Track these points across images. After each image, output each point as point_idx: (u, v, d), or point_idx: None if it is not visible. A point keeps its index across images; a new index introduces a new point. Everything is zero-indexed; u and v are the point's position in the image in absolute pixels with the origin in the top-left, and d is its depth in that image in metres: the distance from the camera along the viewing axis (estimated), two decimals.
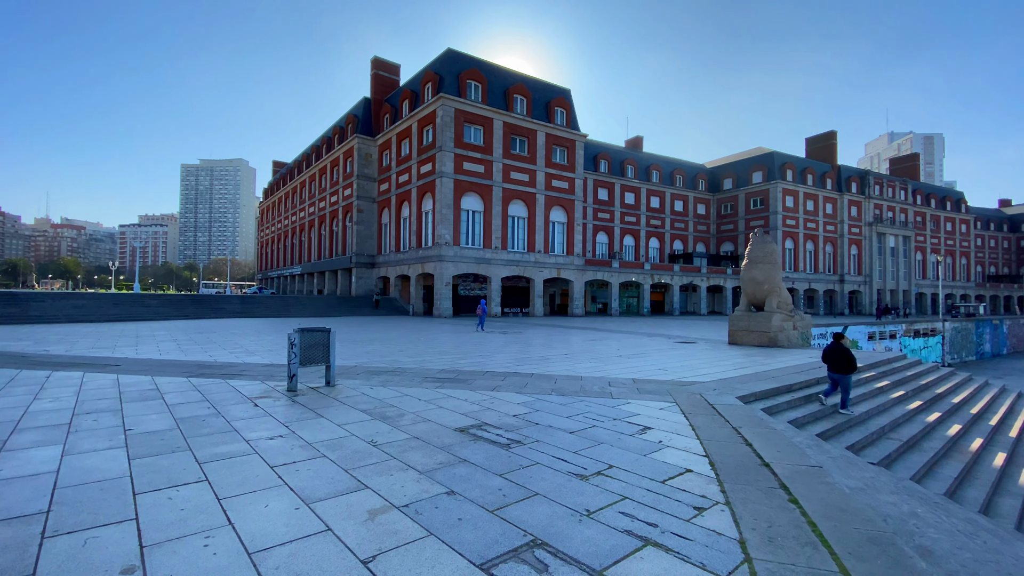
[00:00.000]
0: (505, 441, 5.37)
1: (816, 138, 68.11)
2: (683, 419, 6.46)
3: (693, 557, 2.96)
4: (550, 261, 41.02)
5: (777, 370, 10.74)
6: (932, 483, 7.44)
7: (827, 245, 63.13)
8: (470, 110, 36.92)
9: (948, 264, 75.89)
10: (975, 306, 67.87)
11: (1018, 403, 14.19)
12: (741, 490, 4.00)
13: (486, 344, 16.84)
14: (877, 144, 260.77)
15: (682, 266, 51.40)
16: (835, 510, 3.67)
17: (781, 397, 8.40)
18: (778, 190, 58.15)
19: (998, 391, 14.38)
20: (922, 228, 72.62)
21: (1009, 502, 8.03)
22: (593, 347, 16.30)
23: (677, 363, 12.21)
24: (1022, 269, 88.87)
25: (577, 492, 3.97)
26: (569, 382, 9.18)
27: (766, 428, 6.00)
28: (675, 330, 25.39)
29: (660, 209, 59.43)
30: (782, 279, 17.61)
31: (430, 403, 7.20)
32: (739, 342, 17.20)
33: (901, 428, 8.78)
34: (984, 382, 14.89)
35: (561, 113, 42.72)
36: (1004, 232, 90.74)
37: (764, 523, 3.39)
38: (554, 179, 41.64)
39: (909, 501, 5.02)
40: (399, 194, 41.91)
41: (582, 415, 6.62)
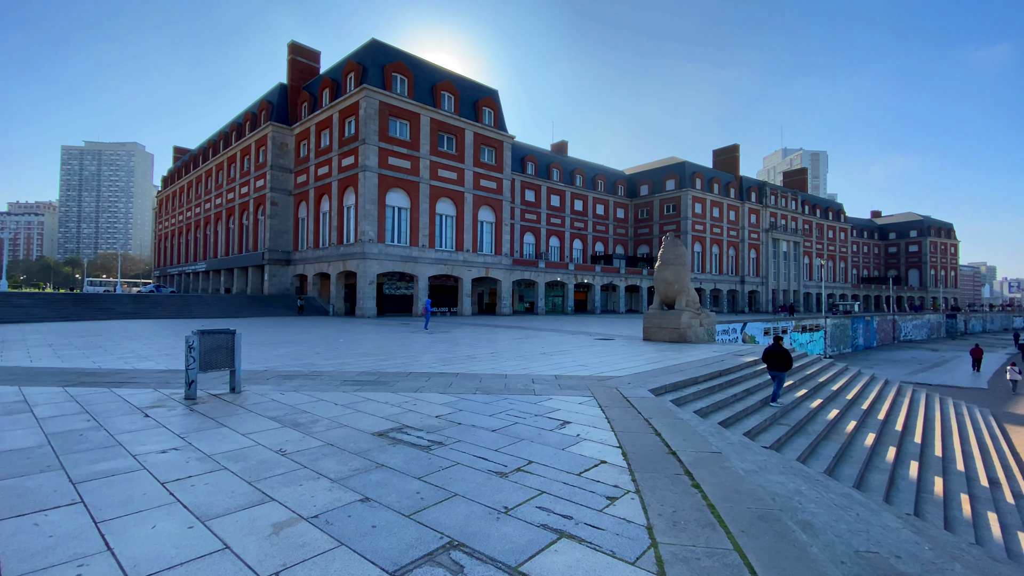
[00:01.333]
0: (426, 443, 5.27)
1: (721, 150, 74.08)
2: (600, 413, 6.71)
3: (604, 546, 3.07)
4: (479, 260, 41.03)
5: (685, 364, 11.51)
6: (815, 462, 8.34)
7: (730, 249, 68.90)
8: (396, 104, 35.94)
9: (830, 267, 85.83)
10: (851, 305, 77.46)
11: (885, 389, 16.33)
12: (650, 478, 4.23)
13: (411, 345, 16.49)
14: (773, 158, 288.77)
15: (603, 267, 53.62)
16: (732, 492, 3.99)
17: (688, 389, 9.01)
18: (688, 197, 62.54)
19: (868, 379, 16.46)
20: (809, 235, 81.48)
21: (878, 477, 9.21)
22: (519, 345, 16.51)
23: (596, 359, 12.69)
24: (889, 272, 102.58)
25: (496, 490, 3.98)
26: (494, 380, 9.21)
27: (674, 419, 6.41)
28: (596, 328, 26.41)
29: (583, 212, 61.56)
30: (690, 280, 18.92)
31: (347, 407, 6.90)
32: (652, 338, 18.23)
33: (790, 414, 9.77)
34: (857, 371, 16.98)
35: (489, 113, 42.87)
36: (875, 240, 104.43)
37: (669, 508, 3.61)
38: (482, 178, 41.69)
39: (795, 480, 5.58)
40: (318, 187, 39.83)
41: (505, 413, 6.66)
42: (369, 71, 35.52)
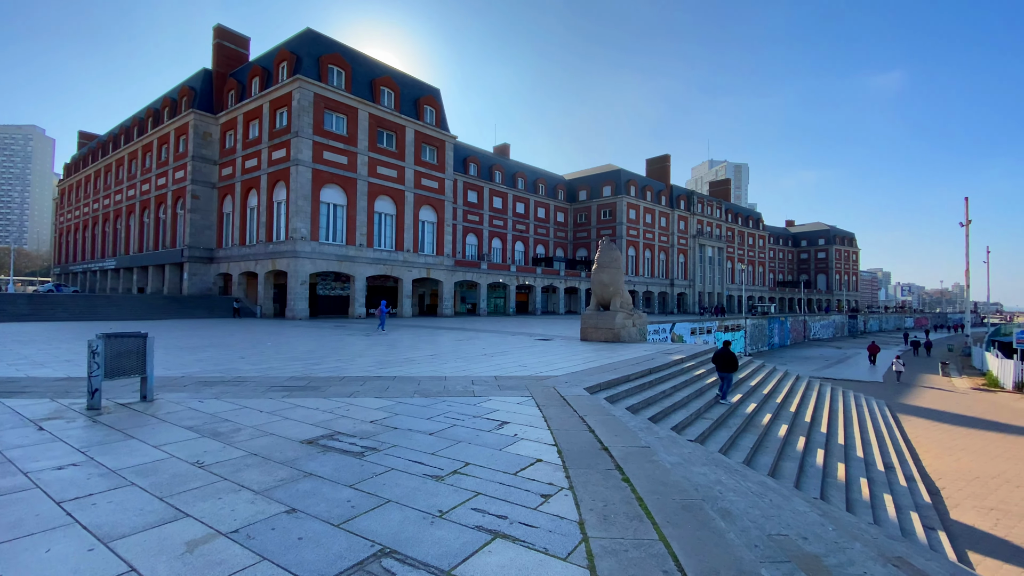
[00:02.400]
0: (359, 449, 5.10)
1: (654, 160, 77.85)
2: (538, 412, 6.81)
3: (537, 544, 3.12)
4: (419, 261, 40.35)
5: (619, 362, 11.94)
6: (735, 453, 8.93)
7: (661, 253, 72.46)
8: (332, 96, 34.60)
9: (750, 271, 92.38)
10: (768, 306, 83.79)
11: (796, 384, 17.78)
12: (583, 474, 4.35)
13: (347, 348, 15.92)
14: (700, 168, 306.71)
15: (544, 269, 54.54)
16: (659, 484, 4.19)
17: (621, 387, 9.36)
18: (623, 204, 65.11)
19: (782, 375, 17.86)
20: (732, 241, 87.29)
21: (790, 465, 9.99)
22: (460, 347, 16.41)
23: (536, 359, 12.87)
24: (801, 276, 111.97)
25: (432, 494, 3.93)
26: (433, 383, 9.10)
27: (607, 415, 6.63)
28: (536, 328, 26.80)
29: (525, 215, 62.30)
30: (624, 282, 19.69)
31: (274, 415, 6.54)
32: (589, 338, 18.76)
33: (713, 408, 10.40)
34: (773, 368, 18.37)
35: (431, 112, 42.34)
36: (789, 247, 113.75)
37: (600, 503, 3.72)
38: (424, 177, 41.08)
39: (716, 471, 5.95)
40: (246, 181, 37.51)
41: (443, 415, 6.59)
42: (303, 61, 33.96)
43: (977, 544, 10.00)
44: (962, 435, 18.74)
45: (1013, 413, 22.89)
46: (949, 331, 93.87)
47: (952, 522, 11.04)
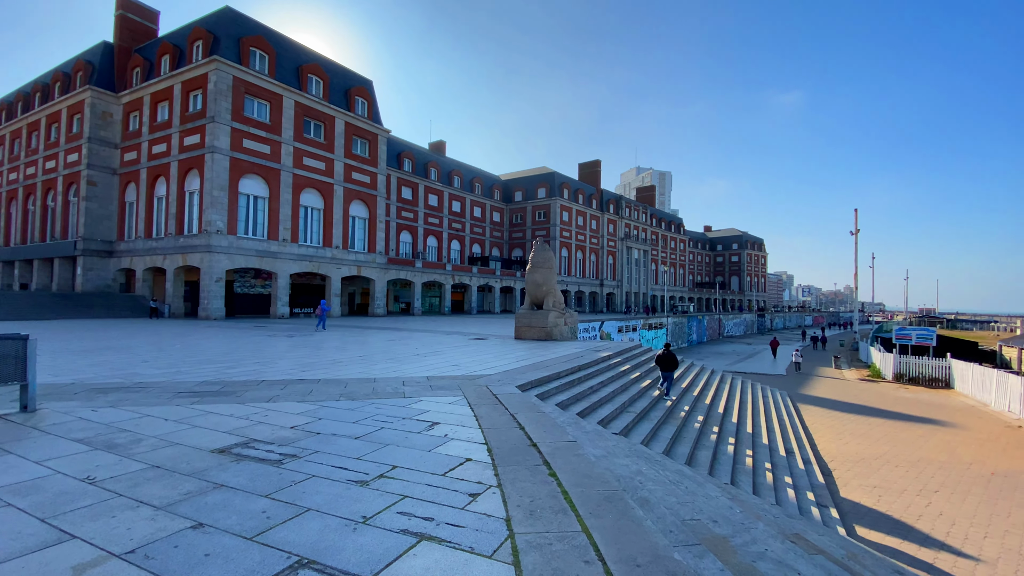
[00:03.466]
0: (277, 457, 4.83)
1: (586, 164, 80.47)
2: (469, 411, 6.80)
3: (464, 543, 3.11)
4: (349, 258, 38.86)
5: (551, 360, 12.21)
6: (656, 444, 9.43)
7: (592, 255, 75.03)
8: (254, 81, 32.43)
9: (672, 273, 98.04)
10: (688, 306, 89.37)
11: (711, 378, 19.09)
12: (512, 471, 4.40)
13: (267, 349, 15.01)
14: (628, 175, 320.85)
15: (480, 268, 54.54)
16: (583, 477, 4.33)
17: (552, 383, 9.57)
18: (557, 206, 66.71)
19: (699, 370, 19.11)
20: (656, 245, 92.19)
21: (704, 454, 10.70)
22: (392, 347, 16.01)
23: (470, 359, 12.84)
24: (717, 278, 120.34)
25: (355, 500, 3.80)
26: (361, 385, 8.80)
27: (538, 412, 6.76)
28: (472, 328, 26.74)
29: (461, 213, 61.95)
30: (557, 282, 20.15)
31: (181, 423, 6.03)
32: (523, 337, 19.02)
33: (636, 402, 10.92)
34: (691, 363, 19.61)
35: (363, 104, 40.92)
36: (706, 250, 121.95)
37: (527, 498, 3.79)
38: (355, 171, 39.61)
39: (638, 462, 6.25)
40: (153, 167, 34.24)
41: (371, 418, 6.40)
42: (222, 42, 31.55)
43: (863, 518, 11.27)
44: (850, 421, 21.03)
45: (893, 401, 26.04)
46: (841, 328, 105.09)
47: (842, 500, 12.35)
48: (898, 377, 32.99)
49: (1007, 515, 11.36)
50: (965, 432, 19.18)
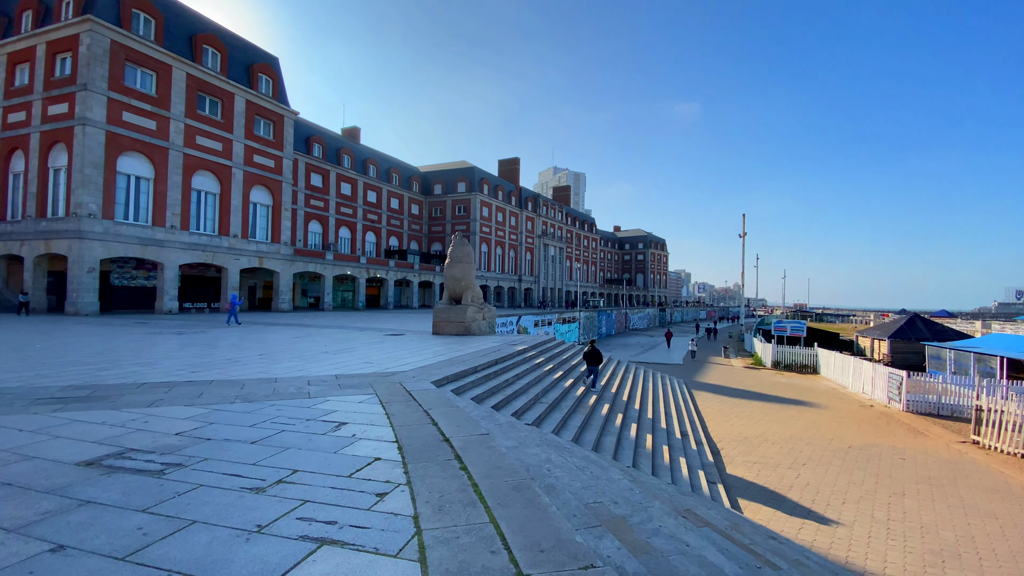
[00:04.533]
0: (158, 467, 4.36)
1: (505, 161, 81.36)
2: (381, 409, 6.61)
3: (368, 544, 3.03)
4: (250, 248, 35.89)
5: (468, 355, 12.23)
6: (566, 433, 9.83)
7: (511, 251, 76.11)
8: (137, 48, 28.71)
9: (585, 270, 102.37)
10: (599, 301, 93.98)
11: (617, 368, 20.22)
12: (422, 467, 4.36)
13: (150, 348, 13.47)
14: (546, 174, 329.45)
15: (397, 262, 53.02)
16: (494, 469, 4.40)
17: (468, 378, 9.60)
18: (477, 201, 66.72)
19: (606, 360, 20.15)
20: (571, 243, 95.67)
21: (609, 439, 11.33)
22: (297, 344, 15.08)
23: (384, 355, 12.47)
24: (624, 275, 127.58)
25: (250, 508, 3.54)
26: (260, 386, 8.20)
27: (452, 407, 6.74)
28: (387, 323, 25.97)
29: (377, 204, 59.73)
30: (476, 277, 20.21)
31: (39, 433, 5.23)
32: (441, 332, 18.85)
33: (549, 393, 11.29)
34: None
35: (267, 82, 37.89)
36: (616, 249, 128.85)
37: (437, 494, 3.77)
38: (257, 154, 36.60)
39: (547, 451, 6.46)
40: (9, 139, 29.12)
41: (271, 421, 5.99)
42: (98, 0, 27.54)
43: (744, 492, 12.58)
44: (736, 404, 23.37)
45: (771, 385, 29.32)
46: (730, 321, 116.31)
47: (728, 476, 13.70)
48: (776, 364, 37.25)
49: (861, 483, 13.28)
50: (828, 412, 22.13)
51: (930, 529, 10.48)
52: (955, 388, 21.28)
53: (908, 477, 13.66)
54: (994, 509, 11.47)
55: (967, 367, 25.95)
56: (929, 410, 21.39)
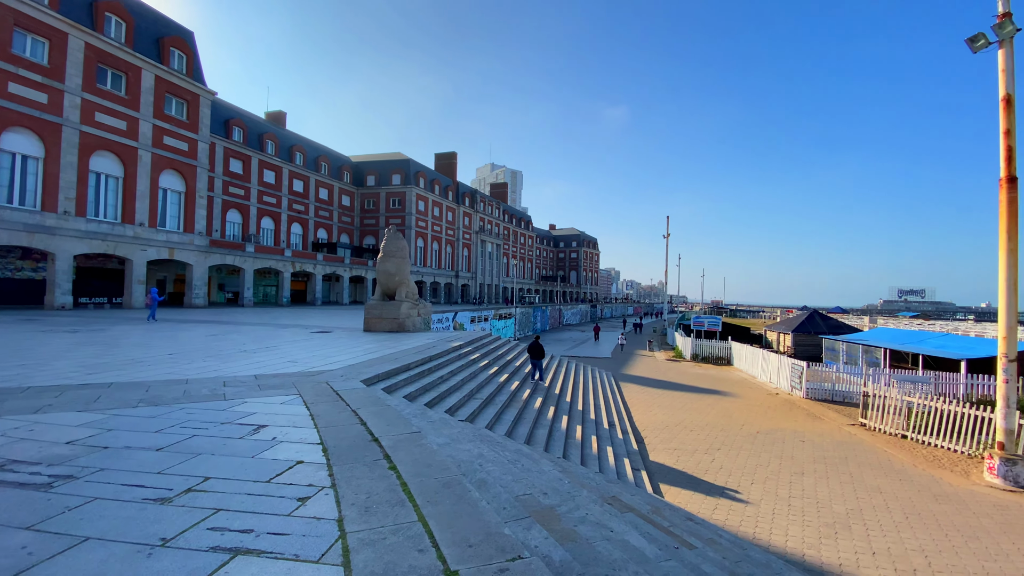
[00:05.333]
0: (45, 480, 3.90)
1: (442, 155, 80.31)
2: (304, 411, 6.33)
3: (287, 551, 2.90)
4: (159, 238, 32.84)
5: (401, 352, 11.99)
6: (499, 427, 9.91)
7: (448, 246, 75.37)
8: (25, 11, 25.24)
9: (521, 267, 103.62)
10: (534, 297, 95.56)
11: (551, 362, 20.67)
12: (348, 469, 4.23)
13: (37, 348, 11.99)
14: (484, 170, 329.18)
15: (326, 255, 50.76)
16: (424, 467, 4.36)
17: (400, 376, 9.41)
18: (413, 194, 65.34)
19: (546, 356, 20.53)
20: (508, 239, 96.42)
21: (542, 432, 11.56)
22: (213, 343, 14.05)
23: (309, 353, 11.93)
24: (559, 272, 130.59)
25: (153, 520, 3.27)
26: (168, 388, 7.56)
27: (382, 406, 6.59)
28: (314, 320, 24.83)
29: (304, 194, 56.78)
30: (411, 272, 19.83)
31: None
32: (373, 329, 18.32)
33: (484, 389, 11.34)
34: None
35: (180, 57, 34.76)
36: (551, 247, 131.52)
37: (363, 495, 3.68)
38: (168, 136, 33.51)
39: (480, 446, 6.50)
40: None
41: (180, 426, 5.54)
42: None
43: (665, 477, 13.37)
44: (659, 395, 24.72)
45: (690, 376, 31.27)
46: (655, 317, 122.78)
47: (651, 463, 14.48)
48: (695, 357, 39.78)
49: (767, 465, 14.54)
50: (740, 400, 23.98)
51: (825, 504, 11.70)
52: (846, 376, 23.85)
53: (807, 457, 15.15)
54: (879, 484, 13.02)
55: (857, 358, 29.17)
56: (825, 397, 23.83)
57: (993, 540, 9.82)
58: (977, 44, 13.95)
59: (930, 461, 14.92)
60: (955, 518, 10.86)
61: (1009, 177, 13.62)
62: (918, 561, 8.98)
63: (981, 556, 9.16)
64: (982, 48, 13.95)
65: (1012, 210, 13.53)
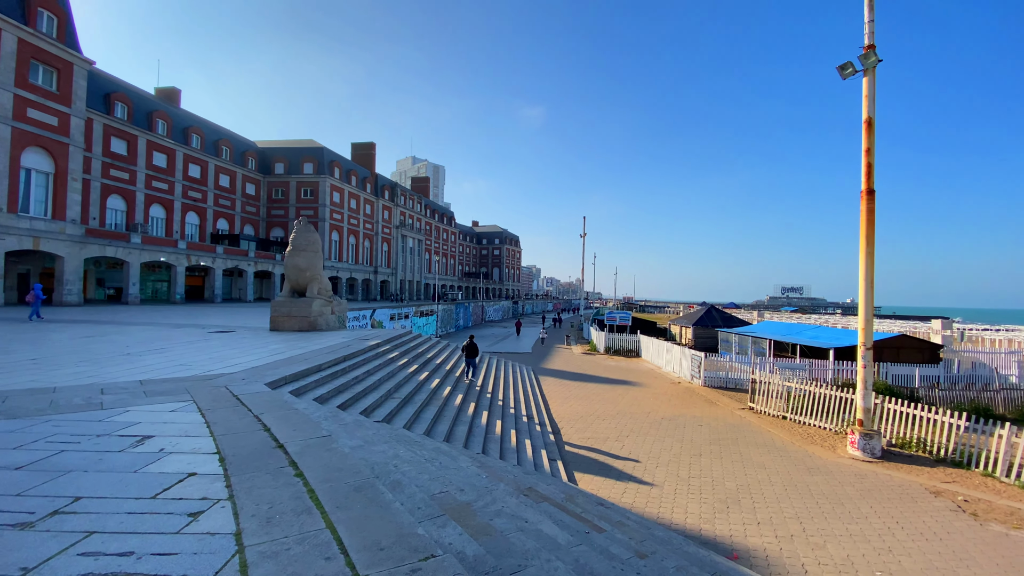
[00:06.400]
0: None
1: (360, 145, 77.07)
2: (199, 418, 5.81)
3: (175, 572, 2.66)
4: (21, 225, 28.29)
5: (312, 352, 11.39)
6: (418, 426, 9.77)
7: (366, 241, 72.57)
8: None
9: (443, 263, 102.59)
10: (457, 294, 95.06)
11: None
12: (248, 479, 3.96)
13: None
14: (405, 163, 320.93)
15: (227, 248, 46.68)
16: (334, 472, 4.19)
17: (311, 377, 8.95)
18: (327, 185, 62.04)
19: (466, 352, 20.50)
20: (429, 235, 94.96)
21: (462, 429, 11.56)
22: (89, 345, 12.42)
23: (207, 356, 10.95)
24: (482, 269, 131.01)
25: (11, 548, 2.84)
26: (30, 397, 6.58)
27: (289, 410, 6.22)
28: (213, 319, 22.80)
29: (202, 180, 51.74)
30: (324, 267, 18.86)
31: None
32: (281, 328, 17.20)
33: (402, 388, 11.11)
34: (456, 346, 20.91)
35: (49, 19, 30.11)
36: (474, 243, 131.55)
37: (265, 506, 3.47)
38: (33, 108, 28.92)
39: (396, 446, 6.37)
40: None
41: (45, 440, 4.85)
42: None
43: (580, 465, 13.95)
44: (575, 387, 25.73)
45: (604, 368, 32.85)
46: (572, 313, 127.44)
47: (567, 452, 15.05)
48: (608, 350, 41.87)
49: (670, 448, 15.67)
50: (647, 389, 25.62)
51: (719, 482, 12.87)
52: (738, 365, 26.37)
53: (704, 440, 16.56)
54: (763, 461, 14.54)
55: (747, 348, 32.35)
56: (721, 384, 26.17)
57: (855, 505, 11.39)
58: (846, 71, 16.00)
59: (805, 438, 16.96)
60: (824, 487, 12.46)
61: (868, 190, 15.79)
62: (794, 527, 10.19)
63: (845, 519, 10.59)
64: (850, 75, 16.02)
65: (871, 219, 15.71)
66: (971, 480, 13.05)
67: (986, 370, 25.25)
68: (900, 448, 15.58)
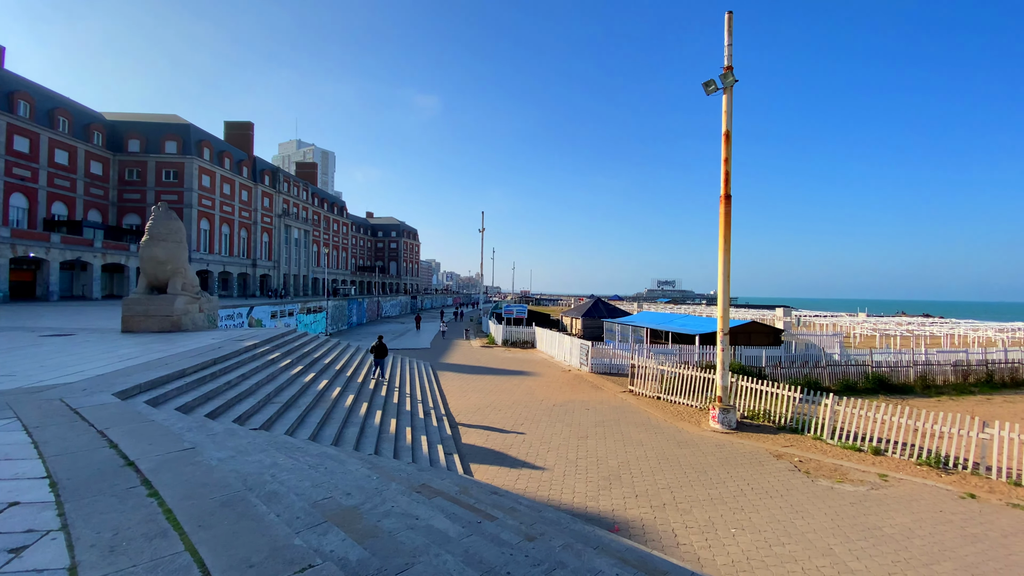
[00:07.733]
0: None
1: (234, 124, 69.62)
2: (24, 437, 4.90)
3: None
4: None
5: (175, 355, 10.13)
6: (302, 431, 9.20)
7: (242, 230, 65.91)
8: None
9: (334, 256, 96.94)
10: (350, 289, 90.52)
11: (366, 357, 19.94)
12: (88, 504, 3.44)
13: None
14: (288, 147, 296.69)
15: (65, 236, 39.44)
16: (197, 487, 3.80)
17: (173, 383, 7.97)
18: (195, 167, 55.21)
19: (355, 350, 19.66)
20: (318, 225, 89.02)
21: (352, 431, 11.09)
22: None
23: (36, 363, 9.23)
24: (378, 263, 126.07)
25: None
26: None
27: (143, 422, 5.50)
28: (47, 320, 19.25)
29: (32, 156, 43.08)
30: (190, 259, 16.82)
31: None
32: (136, 329, 15.05)
33: (284, 391, 10.35)
34: (347, 344, 19.96)
35: None
36: (369, 236, 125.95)
37: (109, 533, 3.05)
38: None
39: (275, 455, 5.95)
40: None
41: None
42: None
43: (476, 457, 14.14)
44: (473, 379, 25.98)
45: (501, 360, 33.56)
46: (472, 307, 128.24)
47: (464, 445, 15.16)
48: (505, 342, 42.86)
49: (560, 433, 16.49)
50: (541, 378, 26.70)
51: (603, 460, 13.86)
52: (620, 352, 28.55)
53: (590, 423, 17.72)
54: (641, 438, 15.92)
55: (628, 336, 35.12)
56: (606, 370, 28.14)
57: (715, 472, 12.98)
58: (710, 88, 17.97)
59: (676, 416, 18.91)
60: (691, 459, 14.02)
61: (726, 195, 17.95)
62: (667, 497, 11.35)
63: (707, 485, 12.04)
64: (713, 92, 18.03)
65: (727, 220, 17.90)
66: (804, 443, 15.57)
67: (815, 350, 30.20)
68: (751, 419, 18.06)
